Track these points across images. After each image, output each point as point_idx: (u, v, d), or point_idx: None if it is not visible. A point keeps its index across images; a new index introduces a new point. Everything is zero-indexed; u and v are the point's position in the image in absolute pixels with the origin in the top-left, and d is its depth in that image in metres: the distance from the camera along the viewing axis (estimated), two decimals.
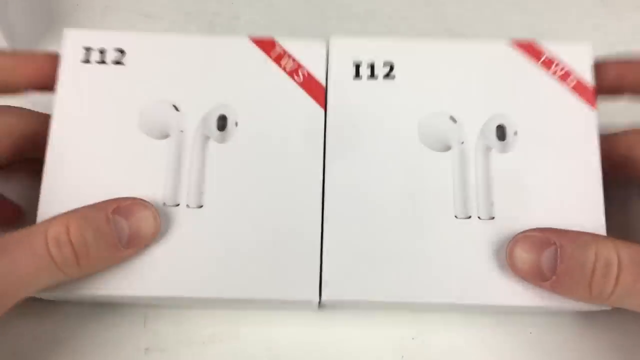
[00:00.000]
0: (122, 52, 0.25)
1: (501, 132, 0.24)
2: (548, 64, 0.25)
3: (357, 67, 0.25)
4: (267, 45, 0.26)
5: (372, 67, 0.25)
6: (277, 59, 0.26)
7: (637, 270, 0.21)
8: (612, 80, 0.26)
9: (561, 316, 0.26)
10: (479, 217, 0.24)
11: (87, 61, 0.25)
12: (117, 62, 0.25)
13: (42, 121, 0.25)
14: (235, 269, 0.23)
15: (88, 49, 0.25)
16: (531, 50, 0.26)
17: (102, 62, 0.25)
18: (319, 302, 0.23)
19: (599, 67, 0.26)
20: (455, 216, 0.24)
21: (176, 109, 0.25)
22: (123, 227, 0.22)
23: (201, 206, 0.24)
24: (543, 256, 0.22)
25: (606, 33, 0.33)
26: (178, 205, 0.24)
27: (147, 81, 0.25)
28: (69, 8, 0.34)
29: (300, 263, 0.23)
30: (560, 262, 0.22)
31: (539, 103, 0.25)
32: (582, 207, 0.24)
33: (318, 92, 0.25)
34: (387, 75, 0.25)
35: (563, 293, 0.22)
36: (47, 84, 0.25)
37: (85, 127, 0.24)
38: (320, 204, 0.24)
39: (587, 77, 0.25)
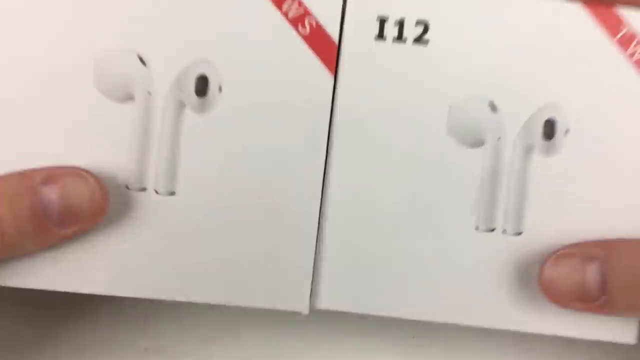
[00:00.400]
0: None
1: (549, 129, 0.20)
2: (626, 41, 0.20)
3: (382, 23, 0.19)
4: None
5: (400, 26, 0.19)
6: (278, 0, 0.19)
7: None
8: None
9: None
10: (503, 231, 0.20)
11: None
12: None
13: None
14: (211, 270, 0.20)
15: None
16: (608, 19, 0.20)
17: None
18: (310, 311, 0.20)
19: None
20: (477, 227, 0.20)
21: (142, 62, 0.19)
22: (52, 200, 0.18)
23: (173, 193, 0.19)
24: (587, 274, 0.19)
25: None
26: (144, 189, 0.19)
27: (105, 18, 0.19)
28: None
29: (291, 267, 0.20)
30: (611, 276, 0.19)
31: (602, 94, 0.20)
32: (630, 231, 0.20)
33: (328, 50, 0.19)
34: (418, 39, 0.19)
35: (617, 311, 0.19)
36: None
37: (25, 80, 0.19)
38: (319, 196, 0.20)
39: None
